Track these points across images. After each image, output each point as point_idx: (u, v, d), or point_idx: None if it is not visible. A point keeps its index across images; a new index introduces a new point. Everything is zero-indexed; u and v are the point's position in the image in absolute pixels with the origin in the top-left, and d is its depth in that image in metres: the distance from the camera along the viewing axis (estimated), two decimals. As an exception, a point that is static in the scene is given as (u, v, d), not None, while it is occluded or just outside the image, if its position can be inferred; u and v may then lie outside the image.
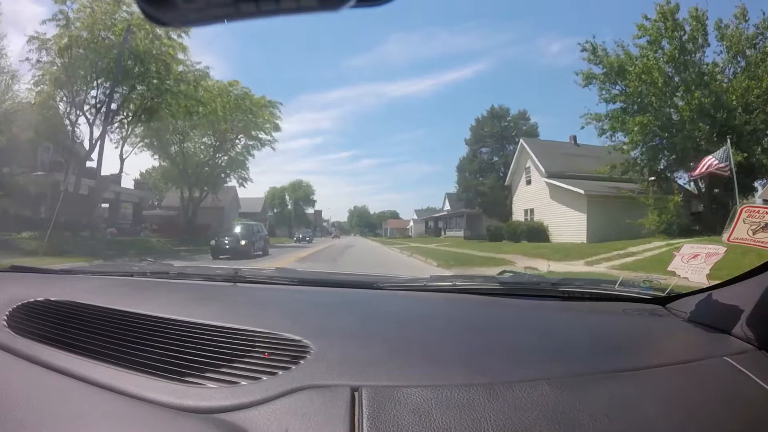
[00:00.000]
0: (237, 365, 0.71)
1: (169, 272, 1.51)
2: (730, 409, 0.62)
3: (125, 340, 0.79)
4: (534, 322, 1.00)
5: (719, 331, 0.81)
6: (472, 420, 0.55)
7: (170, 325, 0.83)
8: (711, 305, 0.87)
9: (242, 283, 1.32)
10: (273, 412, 0.58)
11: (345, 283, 1.40)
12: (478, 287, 1.22)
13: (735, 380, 0.67)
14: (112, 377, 0.69)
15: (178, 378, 0.68)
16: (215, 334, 0.79)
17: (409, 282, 1.34)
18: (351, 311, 1.05)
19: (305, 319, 0.93)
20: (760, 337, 0.74)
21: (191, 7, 0.28)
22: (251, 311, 1.02)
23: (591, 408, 0.58)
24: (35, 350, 0.79)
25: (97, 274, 1.54)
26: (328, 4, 0.29)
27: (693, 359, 0.75)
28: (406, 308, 1.10)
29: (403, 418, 0.55)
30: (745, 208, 0.83)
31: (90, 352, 0.76)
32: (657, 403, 0.61)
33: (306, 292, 1.28)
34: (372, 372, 0.67)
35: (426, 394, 0.59)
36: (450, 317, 1.02)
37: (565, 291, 1.16)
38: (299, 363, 0.70)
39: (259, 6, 0.28)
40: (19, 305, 0.98)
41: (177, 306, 1.00)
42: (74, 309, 0.94)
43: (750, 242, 0.81)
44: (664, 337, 0.90)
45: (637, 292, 1.11)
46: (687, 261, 0.97)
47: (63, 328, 0.86)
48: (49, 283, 1.36)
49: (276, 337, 0.77)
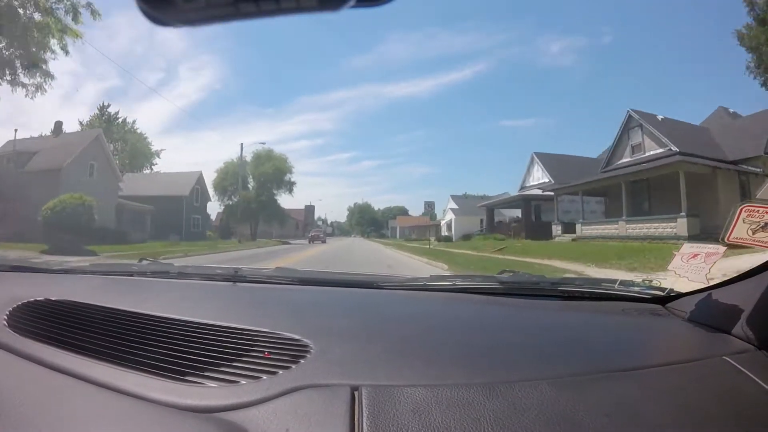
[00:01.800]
0: (237, 365, 0.71)
1: (169, 272, 1.51)
2: (730, 409, 0.62)
3: (126, 339, 0.80)
4: (534, 322, 1.00)
5: (719, 330, 0.81)
6: (472, 420, 0.55)
7: (170, 324, 0.83)
8: (711, 305, 0.87)
9: (242, 282, 1.32)
10: (273, 411, 0.58)
11: (345, 283, 1.40)
12: (478, 287, 1.22)
13: (735, 380, 0.67)
14: (112, 376, 0.69)
15: (179, 377, 0.68)
16: (215, 333, 0.79)
17: (409, 281, 1.34)
18: (351, 311, 1.05)
19: (305, 318, 0.93)
20: (761, 336, 0.74)
21: (191, 7, 0.28)
22: (251, 311, 1.02)
23: (591, 408, 0.58)
24: (35, 350, 0.79)
25: (98, 273, 1.54)
26: (328, 4, 0.29)
27: (693, 359, 0.75)
28: (407, 308, 1.10)
29: (403, 417, 0.55)
30: (744, 208, 0.83)
31: (90, 351, 0.77)
32: (657, 402, 0.61)
33: (306, 291, 1.28)
34: (372, 371, 0.67)
35: (426, 394, 0.59)
36: (450, 317, 1.02)
37: (565, 291, 1.16)
38: (299, 362, 0.70)
39: (259, 6, 0.28)
40: (19, 305, 0.98)
41: (177, 305, 1.00)
42: (74, 308, 0.94)
43: (749, 242, 0.80)
44: (664, 337, 0.90)
45: (637, 291, 1.11)
46: (687, 261, 0.97)
47: (63, 327, 0.86)
48: (50, 283, 1.36)
49: (276, 337, 0.77)
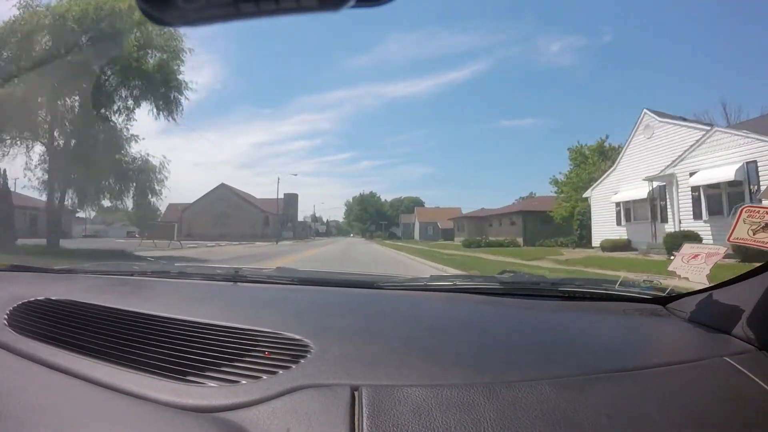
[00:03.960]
0: (238, 364, 0.71)
1: (170, 272, 1.51)
2: (730, 409, 0.62)
3: (126, 339, 0.80)
4: (534, 322, 1.00)
5: (720, 331, 0.81)
6: (472, 420, 0.55)
7: (171, 324, 0.83)
8: (711, 305, 0.87)
9: (243, 282, 1.32)
10: (273, 411, 0.58)
11: (345, 283, 1.40)
12: (478, 287, 1.22)
13: (735, 380, 0.67)
14: (112, 376, 0.69)
15: (179, 377, 0.68)
16: (216, 333, 0.79)
17: (409, 282, 1.34)
18: (351, 311, 1.05)
19: (306, 318, 0.93)
20: (761, 337, 0.74)
21: (191, 7, 0.28)
22: (252, 310, 1.02)
23: (591, 408, 0.58)
24: (36, 349, 0.79)
25: (98, 273, 1.54)
26: (328, 4, 0.29)
27: (693, 359, 0.75)
28: (407, 308, 1.10)
29: (403, 417, 0.55)
30: (745, 208, 0.83)
31: (91, 351, 0.77)
32: (657, 403, 0.61)
33: (306, 291, 1.28)
34: (372, 371, 0.67)
35: (426, 394, 0.59)
36: (450, 317, 1.02)
37: (565, 291, 1.16)
38: (299, 362, 0.70)
39: (259, 6, 0.28)
40: (19, 304, 0.98)
41: (177, 305, 1.00)
42: (75, 308, 0.95)
43: (750, 242, 0.80)
44: (665, 338, 0.90)
45: (638, 292, 1.11)
46: (687, 261, 0.97)
47: (63, 327, 0.86)
48: (50, 282, 1.36)
49: (276, 337, 0.77)
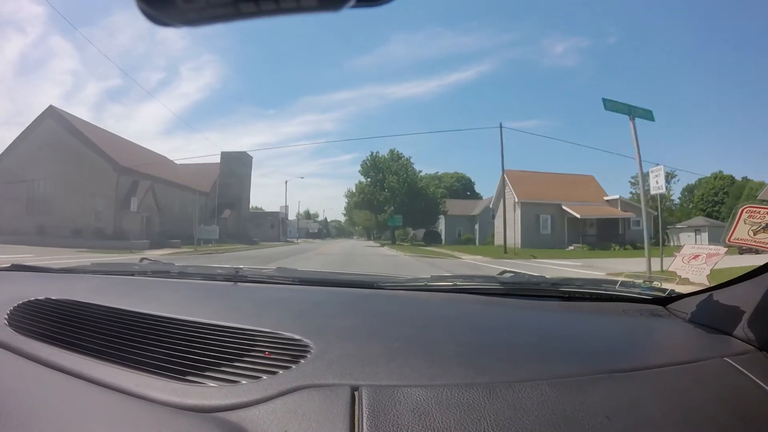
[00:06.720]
0: (237, 364, 0.71)
1: (170, 271, 1.51)
2: (730, 409, 0.62)
3: (126, 339, 0.80)
4: (534, 322, 1.00)
5: (720, 331, 0.81)
6: (472, 420, 0.54)
7: (171, 324, 0.83)
8: (712, 306, 0.87)
9: (243, 282, 1.32)
10: (273, 411, 0.58)
11: (346, 283, 1.40)
12: (478, 287, 1.22)
13: (735, 381, 0.67)
14: (112, 376, 0.69)
15: (179, 377, 0.68)
16: (216, 333, 0.79)
17: (409, 282, 1.34)
18: (351, 311, 1.05)
19: (306, 318, 0.93)
20: (761, 338, 0.74)
21: (191, 7, 0.28)
22: (252, 310, 1.02)
23: (591, 408, 0.58)
24: (36, 349, 0.79)
25: (98, 273, 1.54)
26: (328, 4, 0.29)
27: (693, 360, 0.75)
28: (407, 308, 1.10)
29: (403, 417, 0.55)
30: (745, 209, 0.83)
31: (91, 350, 0.77)
32: (657, 403, 0.60)
33: (306, 291, 1.28)
34: (372, 371, 0.67)
35: (426, 394, 0.59)
36: (450, 317, 1.02)
37: (565, 291, 1.16)
38: (299, 362, 0.70)
39: (259, 6, 0.28)
40: (20, 304, 0.98)
41: (178, 305, 1.00)
42: (75, 308, 0.95)
43: (750, 243, 0.80)
44: (665, 338, 0.90)
45: (638, 292, 1.10)
46: (688, 261, 0.97)
47: (64, 326, 0.86)
48: (50, 282, 1.36)
49: (276, 337, 0.77)
